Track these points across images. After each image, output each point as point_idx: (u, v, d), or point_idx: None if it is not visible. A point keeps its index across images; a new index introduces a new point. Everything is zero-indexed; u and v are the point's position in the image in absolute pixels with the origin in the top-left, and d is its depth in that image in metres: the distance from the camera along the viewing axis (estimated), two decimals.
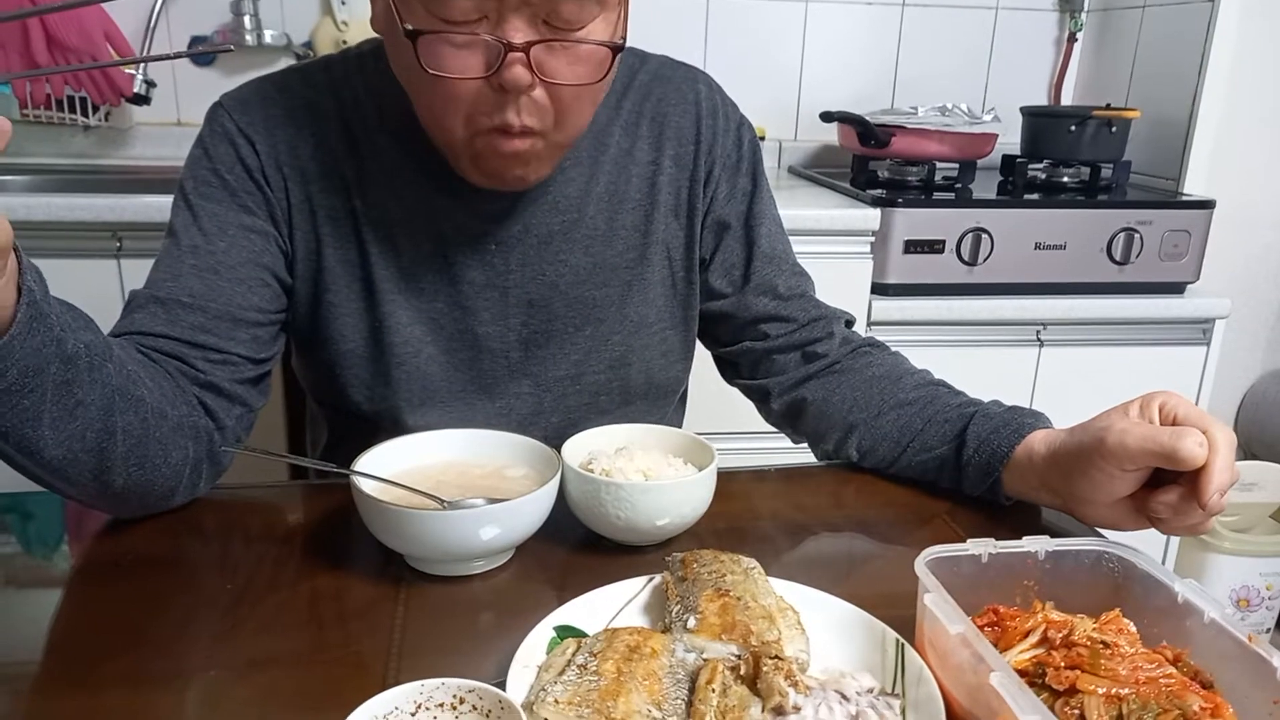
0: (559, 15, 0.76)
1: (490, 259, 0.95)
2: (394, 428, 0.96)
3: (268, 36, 2.02)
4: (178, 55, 2.08)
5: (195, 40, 2.03)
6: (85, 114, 1.95)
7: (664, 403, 1.11)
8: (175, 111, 2.07)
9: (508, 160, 0.84)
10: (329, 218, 0.92)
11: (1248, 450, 2.33)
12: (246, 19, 2.00)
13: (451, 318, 0.96)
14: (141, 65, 1.92)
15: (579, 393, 1.01)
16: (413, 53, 0.76)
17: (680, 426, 1.16)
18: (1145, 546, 0.72)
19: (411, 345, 0.95)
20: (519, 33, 0.75)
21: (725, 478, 0.85)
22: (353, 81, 0.93)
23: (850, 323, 1.11)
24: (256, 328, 0.89)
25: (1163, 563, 2.19)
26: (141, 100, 1.92)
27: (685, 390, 1.17)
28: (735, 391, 1.11)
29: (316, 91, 0.92)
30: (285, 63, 2.11)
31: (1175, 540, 2.03)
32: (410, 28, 0.75)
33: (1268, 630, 2.26)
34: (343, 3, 2.03)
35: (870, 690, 0.60)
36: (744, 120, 1.06)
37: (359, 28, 2.05)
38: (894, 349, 1.10)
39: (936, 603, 0.61)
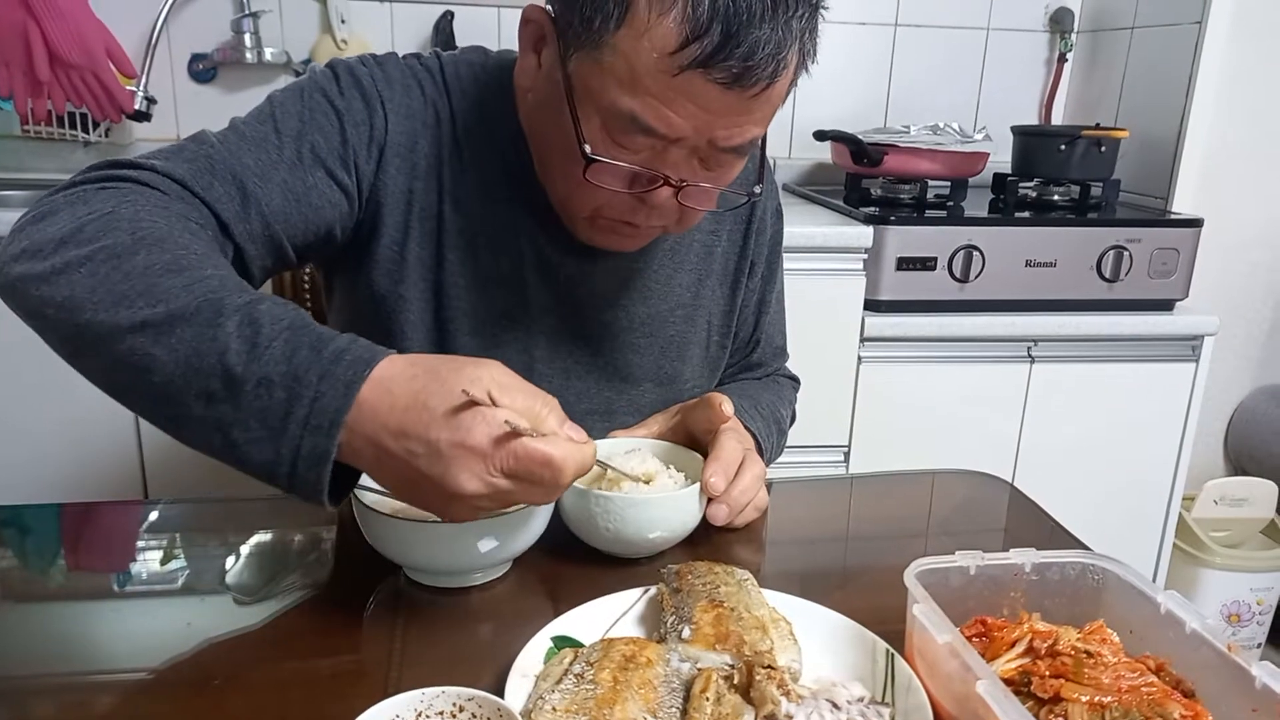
0: (717, 164, 0.83)
1: (557, 288, 0.97)
2: None
3: (268, 54, 2.03)
4: None
5: (196, 58, 2.05)
6: (86, 130, 1.97)
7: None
8: (175, 128, 2.08)
9: (622, 240, 0.91)
10: (420, 214, 0.92)
11: (1237, 466, 2.35)
12: (247, 36, 2.02)
13: (512, 335, 0.97)
14: (143, 85, 1.93)
15: (605, 429, 1.02)
16: (573, 151, 0.80)
17: None
18: (1136, 561, 0.74)
19: (468, 353, 0.95)
20: (676, 170, 0.81)
21: None
22: (471, 92, 0.94)
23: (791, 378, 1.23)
24: (278, 264, 0.88)
25: (1154, 578, 2.19)
26: (142, 117, 1.93)
27: None
28: None
29: (439, 91, 0.94)
30: (285, 80, 2.14)
31: (1166, 555, 2.05)
32: (589, 151, 0.79)
33: (1259, 645, 2.28)
34: (343, 21, 2.05)
35: (861, 699, 0.62)
36: (780, 206, 1.14)
37: (358, 45, 2.07)
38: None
39: (925, 613, 0.62)
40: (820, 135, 2.09)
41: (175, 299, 0.66)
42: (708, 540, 0.86)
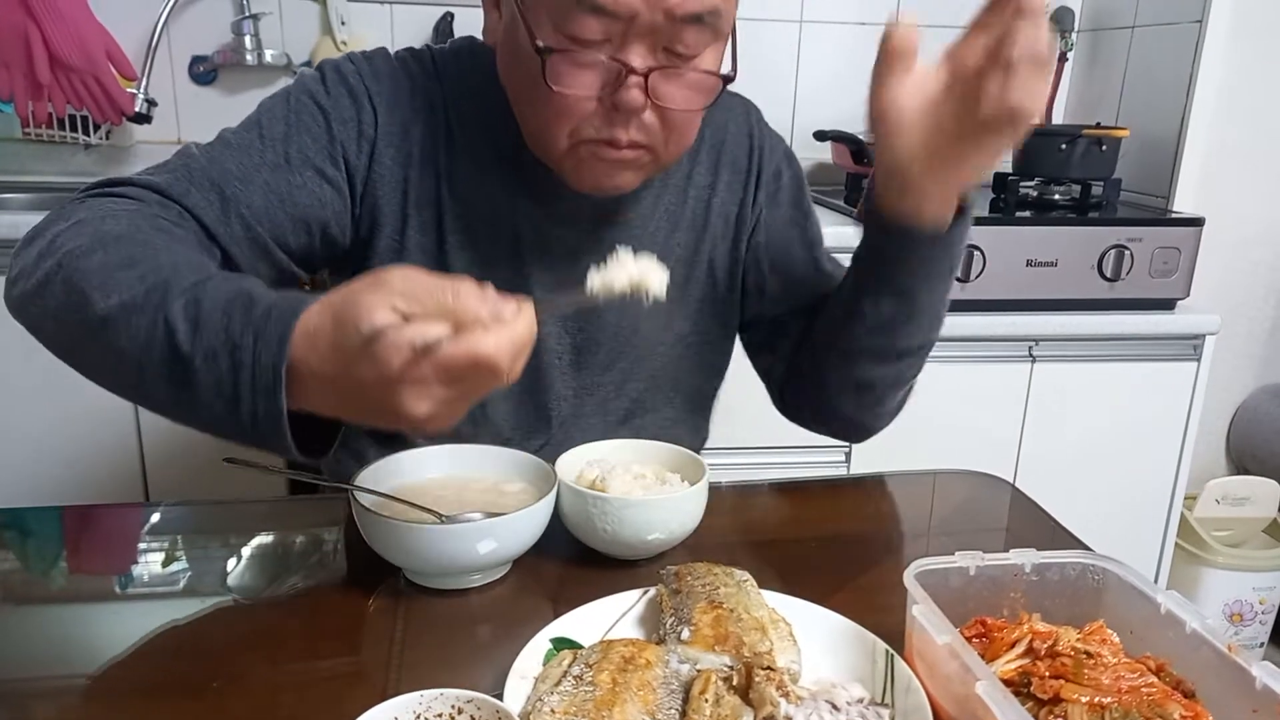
0: (680, 43, 0.79)
1: (557, 264, 0.97)
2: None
3: (268, 56, 2.04)
4: None
5: (196, 60, 2.06)
6: (86, 133, 1.97)
7: (698, 414, 1.14)
8: (176, 130, 2.08)
9: (611, 167, 0.86)
10: (418, 202, 0.93)
11: (1240, 465, 2.35)
12: (247, 39, 2.02)
13: None
14: (143, 87, 1.93)
15: (620, 399, 1.03)
16: (535, 67, 0.79)
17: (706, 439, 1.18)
18: (1138, 560, 0.74)
19: None
20: (639, 58, 0.79)
21: (718, 492, 0.87)
22: (462, 78, 0.95)
23: None
24: (273, 269, 0.88)
25: (1156, 577, 2.18)
26: (142, 119, 1.94)
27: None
28: (753, 405, 1.11)
29: (431, 80, 0.94)
30: (285, 82, 2.13)
31: (1169, 555, 2.05)
32: (541, 44, 0.78)
33: (1262, 644, 2.28)
34: (343, 23, 2.06)
35: (860, 700, 0.62)
36: (789, 150, 1.09)
37: (358, 47, 2.06)
38: None
39: (925, 614, 0.62)
40: (820, 135, 2.09)
41: (127, 290, 0.67)
42: (707, 542, 0.86)
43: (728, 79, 0.84)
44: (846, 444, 1.85)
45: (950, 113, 0.77)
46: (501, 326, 0.61)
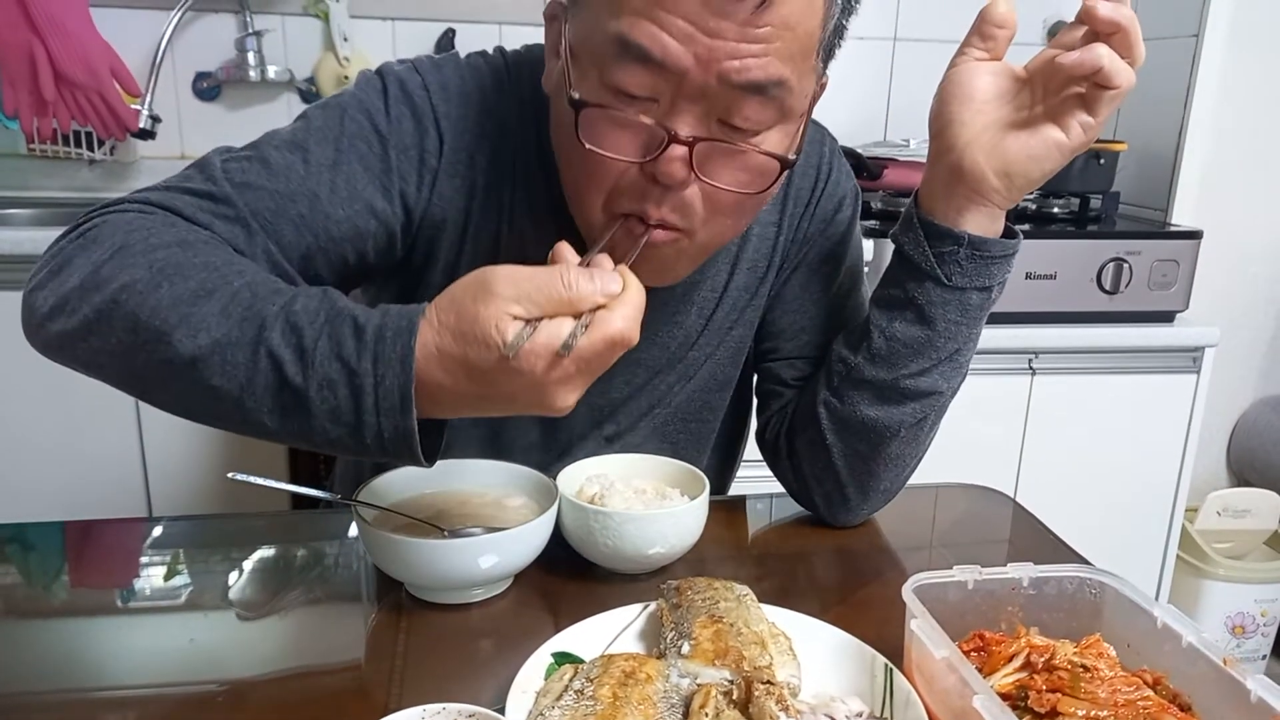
0: (738, 114, 0.71)
1: None
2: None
3: (271, 72, 2.05)
4: None
5: (200, 76, 2.07)
6: (90, 148, 1.98)
7: (729, 457, 1.10)
8: (179, 146, 2.10)
9: (642, 254, 0.75)
10: (476, 236, 0.87)
11: (1240, 478, 2.35)
12: (250, 55, 2.03)
13: None
14: (147, 104, 1.95)
15: (655, 438, 0.99)
16: (573, 121, 0.72)
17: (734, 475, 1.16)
18: (1139, 573, 0.74)
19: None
20: (687, 125, 0.71)
21: (719, 506, 0.87)
22: (526, 101, 0.87)
23: None
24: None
25: (1157, 590, 2.17)
26: (146, 135, 1.95)
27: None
28: (753, 419, 1.09)
29: (503, 96, 0.86)
30: (288, 99, 2.15)
31: (1170, 567, 2.05)
32: (577, 97, 0.71)
33: (1264, 657, 2.27)
34: (345, 39, 2.07)
35: (860, 714, 0.62)
36: (855, 192, 1.02)
37: (360, 63, 2.08)
38: None
39: (923, 628, 0.63)
40: None
41: (216, 326, 0.64)
42: (707, 556, 0.86)
43: (787, 163, 0.74)
44: None
45: (1021, 103, 0.77)
46: (620, 301, 0.61)
